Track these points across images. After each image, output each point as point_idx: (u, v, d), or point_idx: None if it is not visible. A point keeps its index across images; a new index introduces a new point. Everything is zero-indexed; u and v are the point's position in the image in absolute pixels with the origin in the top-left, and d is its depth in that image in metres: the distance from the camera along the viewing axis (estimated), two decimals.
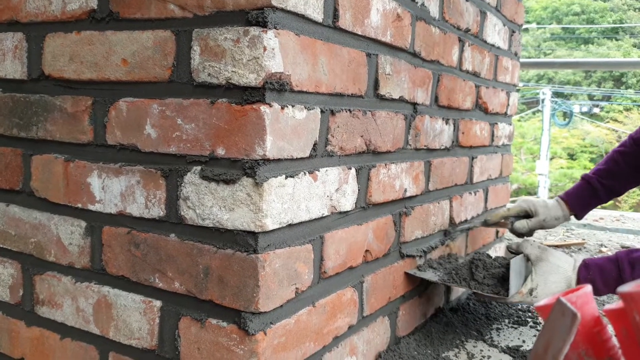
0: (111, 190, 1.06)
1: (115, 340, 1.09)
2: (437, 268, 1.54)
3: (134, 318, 1.06)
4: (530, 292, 1.43)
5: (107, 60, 1.05)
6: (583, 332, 0.49)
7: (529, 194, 19.64)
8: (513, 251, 1.55)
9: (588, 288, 0.55)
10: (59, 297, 1.16)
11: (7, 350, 1.25)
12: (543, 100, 17.82)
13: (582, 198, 1.82)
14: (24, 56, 1.16)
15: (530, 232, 1.80)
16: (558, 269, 1.45)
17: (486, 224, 1.84)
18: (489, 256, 1.55)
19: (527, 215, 1.81)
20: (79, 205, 1.11)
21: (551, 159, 20.37)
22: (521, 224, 1.77)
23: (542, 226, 1.80)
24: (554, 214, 1.80)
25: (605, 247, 2.74)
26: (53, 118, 1.13)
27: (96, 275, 1.11)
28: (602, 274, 1.42)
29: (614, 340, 0.51)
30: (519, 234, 1.81)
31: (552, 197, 2.01)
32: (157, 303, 1.03)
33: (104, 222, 1.08)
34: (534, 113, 22.81)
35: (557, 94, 23.13)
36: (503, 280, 1.47)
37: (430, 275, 1.48)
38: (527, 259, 1.49)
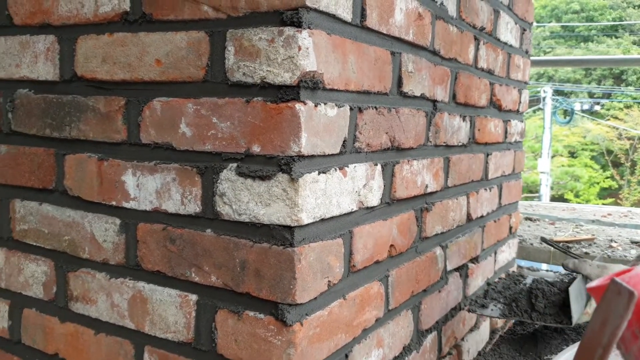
0: (146, 187, 1.09)
1: (151, 334, 1.11)
2: (497, 298, 1.54)
3: (170, 312, 1.08)
4: None
5: (140, 61, 1.07)
6: (636, 310, 0.52)
7: (530, 192, 19.67)
8: (569, 269, 1.55)
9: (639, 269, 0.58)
10: (93, 293, 1.19)
11: (41, 346, 1.28)
12: (544, 99, 17.85)
13: None
14: (56, 58, 1.19)
15: None
16: None
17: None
18: (547, 283, 1.54)
19: None
20: (113, 203, 1.13)
21: (552, 157, 20.39)
22: None
23: None
24: None
25: (615, 242, 2.77)
26: (86, 118, 1.16)
27: (131, 271, 1.13)
28: None
29: None
30: None
31: (554, 195, 2.04)
32: (193, 297, 1.06)
33: (139, 219, 1.11)
34: (534, 111, 22.83)
35: (557, 92, 23.15)
36: (563, 305, 1.46)
37: (491, 310, 1.49)
38: (587, 278, 1.48)
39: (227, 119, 0.99)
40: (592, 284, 0.56)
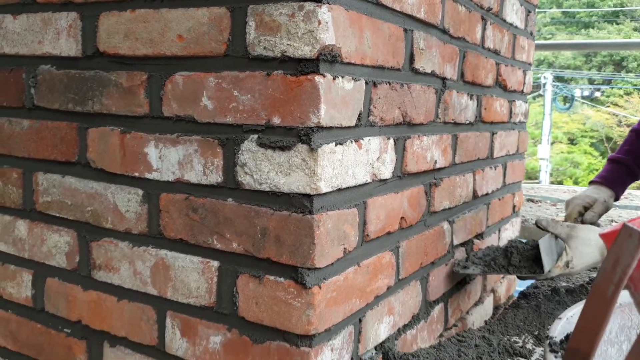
0: (168, 159, 1.13)
1: (173, 299, 1.16)
2: (477, 263, 1.64)
3: (192, 278, 1.13)
4: (567, 264, 1.52)
5: (162, 37, 1.11)
6: None
7: (530, 178, 19.74)
8: (542, 227, 1.63)
9: None
10: (116, 262, 1.23)
11: (64, 313, 1.33)
12: (544, 85, 17.87)
13: (619, 179, 1.90)
14: (79, 35, 1.23)
15: (597, 220, 1.86)
16: (589, 242, 1.53)
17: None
18: (520, 242, 1.65)
19: (585, 208, 1.88)
20: (136, 174, 1.18)
21: (552, 143, 20.45)
22: (590, 215, 1.84)
23: (607, 207, 1.87)
24: (607, 194, 1.87)
25: (616, 222, 2.82)
26: (108, 92, 1.20)
27: (153, 240, 1.18)
28: None
29: None
30: (592, 224, 1.87)
31: (553, 182, 2.11)
32: (215, 263, 1.10)
33: (162, 189, 1.15)
34: (534, 98, 22.83)
35: (557, 78, 23.15)
36: (536, 259, 1.57)
37: (472, 270, 1.59)
38: (556, 237, 1.58)
39: (248, 91, 1.03)
40: (604, 231, 0.60)
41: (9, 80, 1.34)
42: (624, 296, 0.93)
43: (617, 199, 1.93)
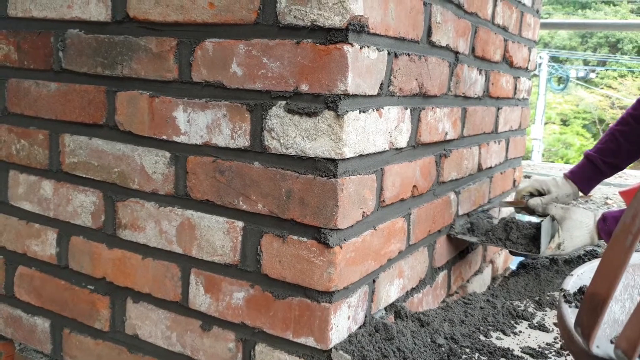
0: (197, 123, 1.18)
1: (198, 257, 1.22)
2: (475, 230, 1.70)
3: (217, 237, 1.19)
4: (558, 246, 1.60)
5: (193, 4, 1.15)
6: None
7: (523, 158, 19.85)
8: (540, 213, 1.72)
9: None
10: (142, 221, 1.29)
11: (88, 270, 1.39)
12: (540, 65, 17.88)
13: (587, 176, 1.96)
14: (109, 0, 1.26)
15: (542, 209, 1.94)
16: (581, 224, 1.61)
17: (504, 204, 2.01)
18: (521, 220, 1.72)
19: (540, 193, 1.96)
20: (164, 137, 1.22)
21: (545, 124, 20.54)
22: (535, 202, 1.91)
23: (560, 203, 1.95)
24: (564, 191, 1.94)
25: (611, 199, 2.90)
26: (138, 57, 1.24)
27: (180, 201, 1.23)
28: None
29: None
30: (533, 212, 1.95)
31: (545, 162, 2.19)
32: (240, 223, 1.16)
33: (189, 152, 1.20)
34: (529, 78, 22.85)
35: (553, 59, 23.14)
36: (533, 239, 1.63)
37: (470, 237, 1.65)
38: (553, 219, 1.65)
39: (277, 59, 1.07)
40: (624, 188, 0.66)
41: (37, 44, 1.37)
42: (635, 258, 1.00)
43: (585, 193, 2.01)
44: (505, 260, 2.44)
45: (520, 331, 1.35)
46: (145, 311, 1.32)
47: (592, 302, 0.62)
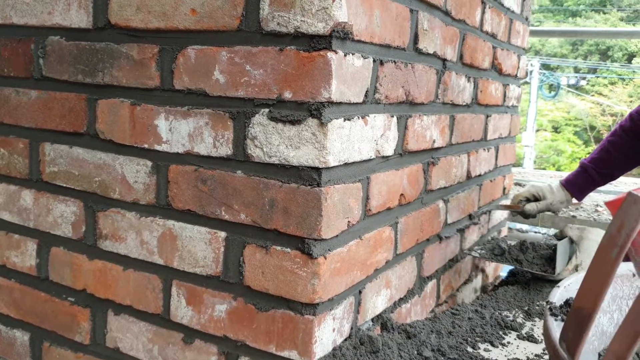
0: (179, 131, 1.15)
1: (179, 269, 1.19)
2: (494, 250, 1.72)
3: (199, 248, 1.16)
4: (576, 268, 1.60)
5: (175, 10, 1.13)
6: None
7: (514, 165, 19.91)
8: (558, 237, 1.75)
9: None
10: (123, 232, 1.26)
11: (69, 282, 1.36)
12: (531, 72, 17.97)
13: (580, 185, 2.03)
14: (90, 6, 1.24)
15: (536, 214, 1.99)
16: (597, 244, 1.61)
17: (501, 207, 2.04)
18: (536, 240, 1.74)
19: (536, 199, 2.00)
20: (145, 146, 1.20)
21: (537, 131, 20.63)
22: (531, 207, 1.96)
23: (549, 209, 2.00)
24: (559, 198, 1.99)
25: (601, 207, 2.90)
26: (119, 65, 1.21)
27: (161, 210, 1.21)
28: None
29: None
30: (528, 216, 1.99)
31: (537, 169, 2.25)
32: (222, 234, 1.13)
33: (171, 161, 1.18)
34: (519, 86, 22.97)
35: (544, 66, 23.28)
36: (549, 260, 1.64)
37: (486, 255, 1.66)
38: (571, 240, 1.66)
39: (260, 66, 1.05)
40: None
41: (17, 51, 1.35)
42: (620, 267, 0.98)
43: (579, 200, 2.06)
44: (496, 268, 2.43)
45: (508, 342, 1.33)
46: (126, 324, 1.29)
47: (577, 317, 0.60)
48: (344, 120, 1.07)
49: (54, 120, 1.32)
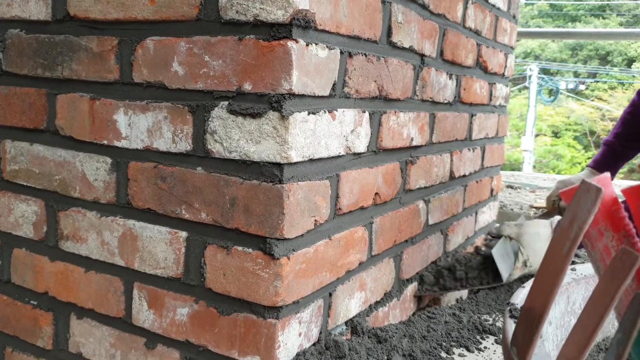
0: (138, 126, 1.10)
1: (140, 270, 1.14)
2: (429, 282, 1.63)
3: (160, 249, 1.11)
4: (525, 263, 1.54)
5: (134, 0, 1.08)
6: (603, 210, 0.56)
7: (513, 169, 19.87)
8: (494, 235, 1.69)
9: (607, 174, 0.62)
10: (84, 232, 1.21)
11: (31, 285, 1.31)
12: (530, 77, 17.94)
13: (609, 162, 2.01)
14: None
15: None
16: (539, 236, 1.56)
17: (535, 217, 1.99)
18: (461, 255, 1.66)
19: None
20: (105, 142, 1.15)
21: (536, 136, 20.59)
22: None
23: None
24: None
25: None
26: (78, 58, 1.16)
27: (121, 210, 1.16)
28: None
29: (628, 219, 0.58)
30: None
31: (536, 172, 2.20)
32: (183, 234, 1.08)
33: (130, 157, 1.13)
34: (520, 90, 22.94)
35: (543, 71, 23.27)
36: (484, 267, 1.57)
37: (434, 291, 1.58)
38: (510, 238, 1.61)
39: (219, 57, 1.00)
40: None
41: None
42: (589, 268, 0.93)
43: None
44: None
45: (485, 347, 1.27)
46: (89, 328, 1.24)
47: (527, 319, 0.55)
48: (308, 113, 1.02)
49: (15, 116, 1.27)
